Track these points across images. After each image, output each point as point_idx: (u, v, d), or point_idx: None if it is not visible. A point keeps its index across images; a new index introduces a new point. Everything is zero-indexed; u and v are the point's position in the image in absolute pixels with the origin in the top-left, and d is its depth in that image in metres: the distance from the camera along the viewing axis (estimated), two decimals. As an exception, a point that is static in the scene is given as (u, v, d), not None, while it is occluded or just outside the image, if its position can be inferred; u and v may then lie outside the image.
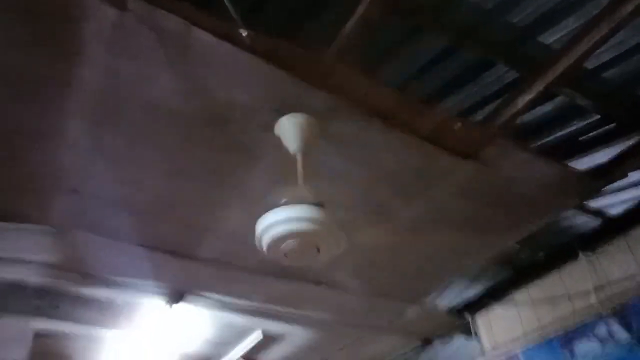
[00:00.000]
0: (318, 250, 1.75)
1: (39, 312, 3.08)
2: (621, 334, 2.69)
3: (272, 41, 1.65)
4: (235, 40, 1.60)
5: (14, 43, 1.54)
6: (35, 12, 1.45)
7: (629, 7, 1.65)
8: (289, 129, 1.83)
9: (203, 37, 1.57)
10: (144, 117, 1.83)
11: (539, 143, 2.52)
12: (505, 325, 3.40)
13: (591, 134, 2.42)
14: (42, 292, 2.86)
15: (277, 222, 1.66)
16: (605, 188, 2.58)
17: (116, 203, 2.25)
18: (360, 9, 1.72)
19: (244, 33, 1.59)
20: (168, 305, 3.03)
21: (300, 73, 1.72)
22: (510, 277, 3.55)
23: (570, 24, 1.92)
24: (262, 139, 1.93)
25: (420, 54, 2.10)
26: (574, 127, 2.42)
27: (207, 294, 3.03)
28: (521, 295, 3.35)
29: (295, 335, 3.69)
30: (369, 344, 3.92)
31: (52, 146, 1.92)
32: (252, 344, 3.66)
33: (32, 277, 2.70)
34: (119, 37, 1.55)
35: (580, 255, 2.95)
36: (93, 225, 2.37)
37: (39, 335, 3.31)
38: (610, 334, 2.73)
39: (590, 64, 2.07)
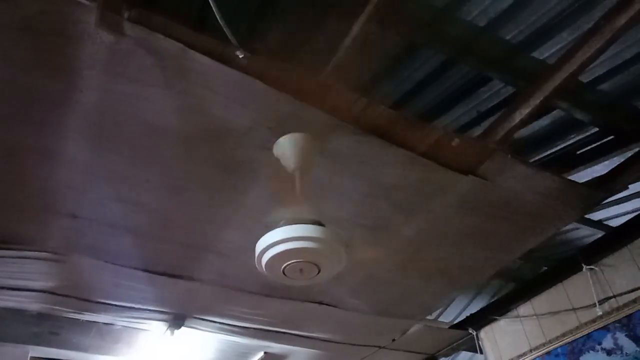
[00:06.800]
0: (318, 268, 1.74)
1: (37, 339, 3.04)
2: (628, 345, 2.66)
3: (269, 62, 1.65)
4: (231, 62, 1.61)
5: (12, 61, 1.54)
6: (32, 31, 1.46)
7: (622, 20, 1.66)
8: (288, 149, 1.83)
9: (200, 59, 1.57)
10: (141, 136, 1.83)
11: (538, 157, 2.52)
12: (511, 340, 3.37)
13: (590, 147, 2.42)
14: (40, 319, 2.82)
15: (276, 241, 1.64)
16: (606, 200, 2.57)
17: (115, 225, 2.24)
18: (356, 26, 1.74)
19: (241, 54, 1.60)
20: (169, 331, 2.99)
21: (297, 92, 1.72)
22: (514, 291, 3.53)
23: (563, 39, 1.94)
24: (261, 158, 1.93)
25: (416, 70, 2.12)
26: (572, 140, 2.43)
27: (208, 317, 2.99)
28: (525, 309, 3.32)
29: (298, 356, 3.63)
30: (373, 362, 3.87)
31: (50, 166, 1.91)
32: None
33: (30, 303, 2.67)
34: (117, 60, 1.56)
35: (584, 267, 2.92)
36: (92, 249, 2.36)
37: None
38: (617, 346, 2.71)
39: (585, 78, 2.08)
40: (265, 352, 3.53)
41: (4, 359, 3.09)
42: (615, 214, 3.04)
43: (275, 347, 3.46)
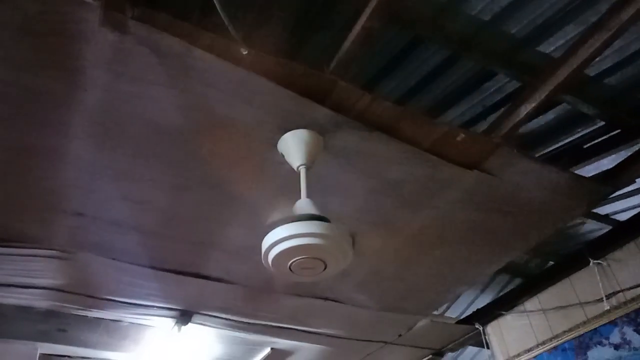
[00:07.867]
0: (325, 265, 1.74)
1: (45, 336, 3.06)
2: (636, 339, 2.65)
3: (273, 59, 1.65)
4: (235, 59, 1.61)
5: (14, 61, 1.55)
6: (33, 32, 1.46)
7: (629, 13, 1.64)
8: (292, 146, 1.83)
9: (203, 57, 1.57)
10: (146, 135, 1.83)
11: (544, 151, 2.51)
12: (518, 335, 3.36)
13: (596, 141, 2.41)
14: (48, 316, 2.85)
15: (282, 238, 1.65)
16: (613, 194, 2.55)
17: (121, 223, 2.25)
18: (360, 21, 1.73)
19: (244, 51, 1.60)
20: (177, 328, 3.01)
21: (301, 89, 1.72)
22: (521, 286, 3.52)
23: (569, 32, 1.92)
24: (265, 155, 1.93)
25: (420, 66, 2.11)
26: (578, 135, 2.41)
27: (215, 313, 3.01)
28: (532, 304, 3.31)
29: (304, 351, 3.65)
30: (379, 358, 3.88)
31: (54, 165, 1.92)
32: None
33: (38, 301, 2.69)
34: (120, 58, 1.56)
35: (591, 262, 2.91)
36: (99, 247, 2.37)
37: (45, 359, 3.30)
38: (625, 340, 2.70)
39: (591, 71, 2.06)
40: (271, 348, 3.55)
41: (14, 355, 3.11)
42: (622, 208, 3.02)
43: (282, 343, 3.47)
